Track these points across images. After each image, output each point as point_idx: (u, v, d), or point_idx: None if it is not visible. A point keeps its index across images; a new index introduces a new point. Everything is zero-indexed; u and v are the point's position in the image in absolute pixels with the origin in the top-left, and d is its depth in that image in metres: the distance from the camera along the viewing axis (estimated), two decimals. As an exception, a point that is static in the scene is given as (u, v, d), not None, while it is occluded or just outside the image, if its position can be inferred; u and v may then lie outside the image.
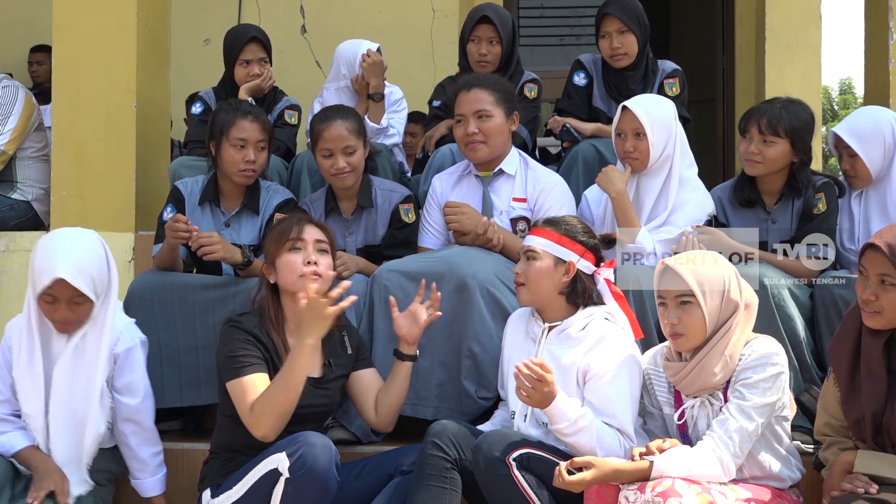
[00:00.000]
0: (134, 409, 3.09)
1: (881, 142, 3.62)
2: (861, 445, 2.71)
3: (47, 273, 2.89)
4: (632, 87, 4.14)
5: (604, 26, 4.13)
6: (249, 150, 3.60)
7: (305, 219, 3.07)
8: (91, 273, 2.95)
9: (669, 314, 2.77)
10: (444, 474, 2.82)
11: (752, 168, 3.56)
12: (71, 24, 4.30)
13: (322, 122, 3.66)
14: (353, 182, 3.68)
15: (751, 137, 3.54)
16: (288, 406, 2.79)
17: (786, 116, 3.51)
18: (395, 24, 6.44)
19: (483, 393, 3.31)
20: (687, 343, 2.77)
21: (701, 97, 6.93)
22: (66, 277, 2.88)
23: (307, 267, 2.94)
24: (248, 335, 2.90)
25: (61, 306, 2.94)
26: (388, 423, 3.08)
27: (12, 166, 4.64)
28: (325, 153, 3.62)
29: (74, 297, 2.93)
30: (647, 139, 3.48)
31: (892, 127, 3.65)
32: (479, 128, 3.55)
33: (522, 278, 3.01)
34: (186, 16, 5.94)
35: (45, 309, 2.96)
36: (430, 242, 3.71)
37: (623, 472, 2.64)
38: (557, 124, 4.14)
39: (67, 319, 2.97)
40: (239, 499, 2.80)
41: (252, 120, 3.63)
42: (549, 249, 3.00)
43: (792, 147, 3.52)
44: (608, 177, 3.53)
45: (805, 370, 3.35)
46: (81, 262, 2.94)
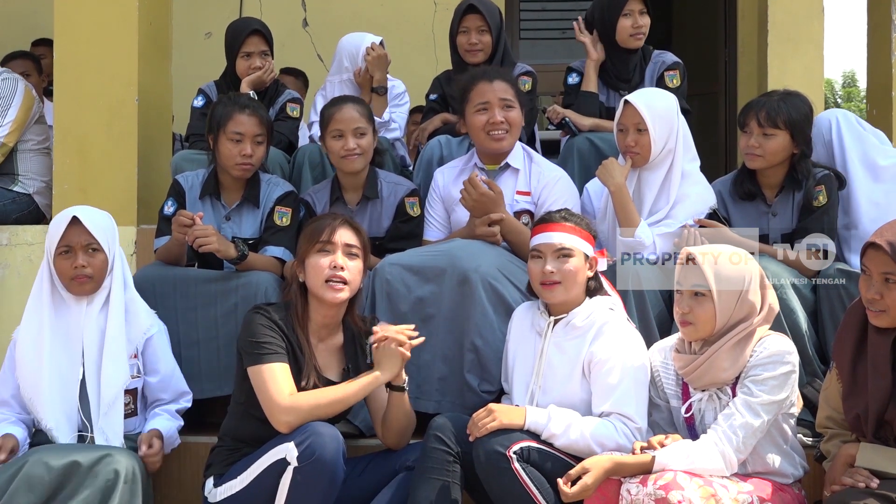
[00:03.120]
0: (157, 386, 3.19)
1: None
2: (861, 440, 2.71)
3: (63, 219, 3.08)
4: (629, 74, 4.15)
5: (629, 5, 4.13)
6: (246, 144, 3.59)
7: (340, 220, 3.01)
8: (102, 226, 3.12)
9: (682, 303, 2.78)
10: (446, 467, 2.82)
11: (752, 162, 3.56)
12: (72, 18, 4.29)
13: (333, 105, 3.72)
14: (362, 167, 3.68)
15: (750, 131, 3.54)
16: (323, 415, 2.81)
17: (784, 108, 3.52)
18: (397, 18, 6.44)
19: (486, 386, 3.31)
20: (695, 333, 2.78)
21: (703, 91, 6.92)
22: (80, 217, 3.07)
23: (332, 271, 2.93)
24: (273, 324, 2.91)
25: (77, 254, 3.05)
26: (394, 444, 3.03)
27: (13, 159, 4.64)
28: (336, 134, 3.64)
29: (89, 245, 3.07)
30: (649, 133, 3.48)
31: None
32: (505, 117, 3.57)
33: (558, 277, 2.94)
34: (188, 9, 5.94)
35: (62, 266, 3.06)
36: (434, 235, 3.72)
37: (625, 466, 2.65)
38: (556, 115, 4.14)
39: (83, 270, 3.05)
40: (243, 488, 2.81)
41: (249, 114, 3.62)
42: (579, 246, 2.98)
43: (792, 139, 3.52)
44: (608, 170, 3.52)
45: (807, 363, 3.34)
46: (92, 213, 3.14)
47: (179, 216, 3.42)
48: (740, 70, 6.79)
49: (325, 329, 3.00)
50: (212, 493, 2.89)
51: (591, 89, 4.17)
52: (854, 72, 31.50)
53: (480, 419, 2.79)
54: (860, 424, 2.67)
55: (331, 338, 3.02)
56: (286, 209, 3.65)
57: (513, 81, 3.69)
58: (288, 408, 2.78)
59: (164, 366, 3.20)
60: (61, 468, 2.80)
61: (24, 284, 4.09)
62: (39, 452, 2.87)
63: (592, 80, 4.19)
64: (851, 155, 3.74)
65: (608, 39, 4.19)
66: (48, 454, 2.85)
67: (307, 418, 2.77)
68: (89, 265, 3.06)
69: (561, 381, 2.95)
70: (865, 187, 3.70)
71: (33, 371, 3.03)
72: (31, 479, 2.78)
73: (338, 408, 2.86)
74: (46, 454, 2.85)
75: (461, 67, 4.21)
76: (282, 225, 3.63)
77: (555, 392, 2.94)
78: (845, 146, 3.75)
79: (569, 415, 2.82)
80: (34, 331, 3.06)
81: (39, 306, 3.08)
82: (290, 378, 2.85)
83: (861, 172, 3.72)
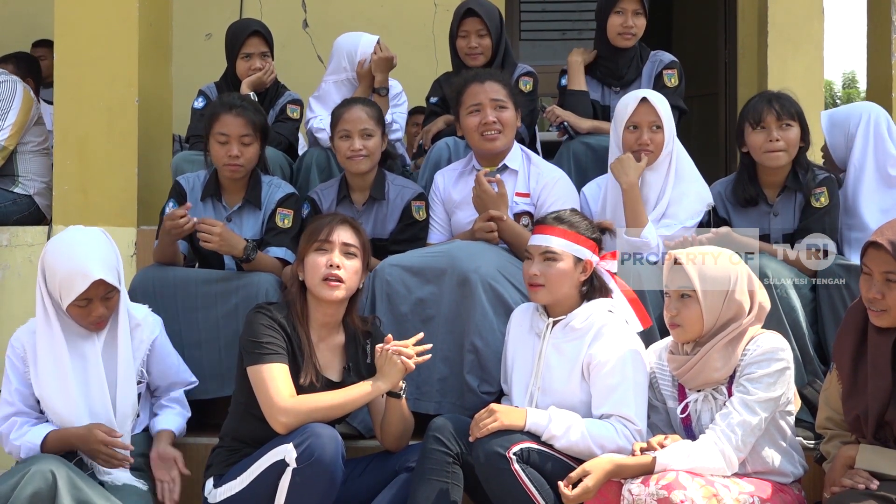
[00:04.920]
0: (164, 382, 3.21)
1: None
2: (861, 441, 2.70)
3: (82, 278, 2.90)
4: (620, 72, 4.15)
5: (622, 3, 4.12)
6: (232, 146, 3.56)
7: (340, 220, 3.03)
8: (115, 266, 3.01)
9: (670, 305, 2.80)
10: (445, 469, 2.83)
11: (776, 159, 3.50)
12: (73, 19, 4.29)
13: (342, 106, 3.73)
14: (368, 168, 3.68)
15: (768, 126, 3.51)
16: (321, 419, 2.81)
17: (791, 100, 3.54)
18: (397, 18, 6.44)
19: (486, 387, 3.31)
20: (684, 334, 2.79)
21: (703, 91, 6.93)
22: (104, 277, 2.92)
23: (329, 270, 2.93)
24: (275, 323, 2.91)
25: (96, 306, 2.97)
26: (393, 447, 3.03)
27: (13, 160, 4.64)
28: (343, 134, 3.65)
29: (107, 293, 2.98)
30: (664, 131, 3.49)
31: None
32: (497, 117, 3.57)
33: (541, 279, 2.96)
34: (188, 10, 5.94)
35: (79, 314, 2.97)
36: (436, 238, 3.73)
37: (626, 467, 2.65)
38: (555, 118, 4.13)
39: (104, 316, 2.99)
40: (242, 489, 2.81)
41: (235, 115, 3.58)
42: (568, 249, 2.98)
43: (801, 131, 3.53)
44: (623, 166, 3.50)
45: (808, 362, 3.35)
46: (105, 257, 2.99)
47: (173, 212, 3.41)
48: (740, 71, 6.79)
49: (325, 328, 3.00)
50: (212, 494, 2.90)
51: (577, 87, 4.15)
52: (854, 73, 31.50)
53: (481, 419, 2.79)
54: (860, 425, 2.67)
55: (331, 337, 3.02)
56: (288, 211, 3.65)
57: (505, 82, 3.68)
58: (286, 409, 2.78)
59: (169, 362, 3.23)
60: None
61: (25, 285, 4.10)
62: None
63: (576, 78, 4.16)
64: (869, 156, 3.70)
65: (602, 35, 4.19)
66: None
67: (304, 421, 2.78)
68: (107, 309, 3.00)
69: (560, 382, 2.95)
70: (877, 193, 3.67)
71: (63, 404, 2.97)
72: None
73: (336, 413, 2.87)
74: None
75: (461, 71, 4.20)
76: (283, 227, 3.63)
77: (554, 394, 2.95)
78: (868, 145, 3.70)
79: (569, 416, 2.83)
80: (54, 363, 2.98)
81: (51, 338, 2.99)
82: (289, 379, 2.85)
83: (874, 176, 3.69)
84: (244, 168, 3.61)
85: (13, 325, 3.19)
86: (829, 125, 3.76)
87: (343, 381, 2.98)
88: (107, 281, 2.93)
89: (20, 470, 2.77)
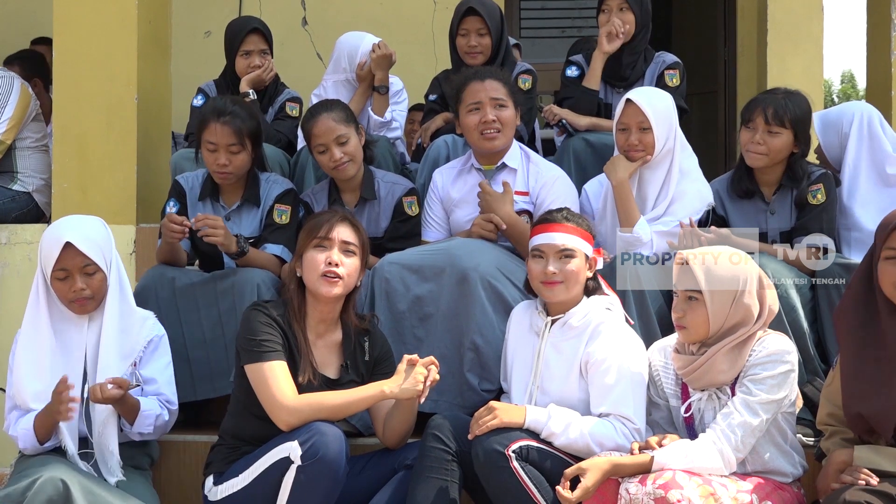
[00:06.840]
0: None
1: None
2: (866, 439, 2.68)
3: (56, 244, 2.94)
4: (623, 72, 4.14)
5: (607, 1, 4.11)
6: (220, 154, 3.53)
7: (340, 217, 3.02)
8: (97, 242, 2.99)
9: (677, 306, 2.79)
10: (444, 466, 2.83)
11: (755, 160, 3.54)
12: (72, 17, 4.29)
13: (309, 120, 3.67)
14: (355, 171, 3.67)
15: (755, 127, 3.51)
16: (324, 419, 2.80)
17: (790, 107, 3.51)
18: (396, 16, 6.44)
19: (486, 385, 3.31)
20: (689, 336, 2.79)
21: (703, 90, 6.93)
22: (74, 241, 2.93)
23: (327, 267, 2.93)
24: (271, 321, 2.92)
25: (74, 279, 2.96)
26: (394, 444, 3.03)
27: (12, 157, 4.63)
28: (321, 149, 3.63)
29: (86, 268, 2.97)
30: (653, 132, 3.48)
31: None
32: (496, 116, 3.56)
33: (560, 277, 2.95)
34: (187, 8, 5.94)
35: (60, 289, 2.97)
36: (433, 236, 3.72)
37: (623, 466, 2.65)
38: (553, 116, 4.12)
39: (82, 293, 2.97)
40: (245, 487, 2.81)
41: (223, 123, 3.52)
42: (580, 246, 2.98)
43: (794, 138, 3.52)
44: (613, 165, 3.53)
45: (808, 361, 3.34)
46: (86, 231, 3.01)
47: (167, 220, 3.39)
48: (740, 69, 6.80)
49: (322, 325, 3.00)
50: (212, 492, 2.89)
51: (593, 86, 4.10)
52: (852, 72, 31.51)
53: (481, 417, 2.79)
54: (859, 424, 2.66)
55: (329, 334, 3.02)
56: (285, 207, 3.65)
57: (506, 80, 3.66)
58: (291, 408, 2.79)
59: (157, 374, 3.13)
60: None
61: (24, 283, 4.08)
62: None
63: (597, 74, 4.10)
64: (864, 155, 3.70)
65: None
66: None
67: (307, 420, 2.78)
68: (88, 286, 2.98)
69: (558, 381, 2.95)
70: (874, 192, 3.66)
71: (36, 388, 2.95)
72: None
73: (340, 414, 2.87)
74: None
75: (460, 69, 4.19)
76: (281, 223, 3.62)
77: (553, 393, 2.95)
78: (863, 144, 3.70)
79: (569, 414, 2.83)
80: (34, 346, 2.98)
81: (37, 320, 2.99)
82: (290, 376, 2.86)
83: (871, 175, 3.68)
84: (234, 175, 3.59)
85: (12, 323, 3.19)
86: (822, 126, 3.76)
87: (340, 378, 2.98)
88: (79, 248, 2.92)
89: (26, 474, 2.77)
